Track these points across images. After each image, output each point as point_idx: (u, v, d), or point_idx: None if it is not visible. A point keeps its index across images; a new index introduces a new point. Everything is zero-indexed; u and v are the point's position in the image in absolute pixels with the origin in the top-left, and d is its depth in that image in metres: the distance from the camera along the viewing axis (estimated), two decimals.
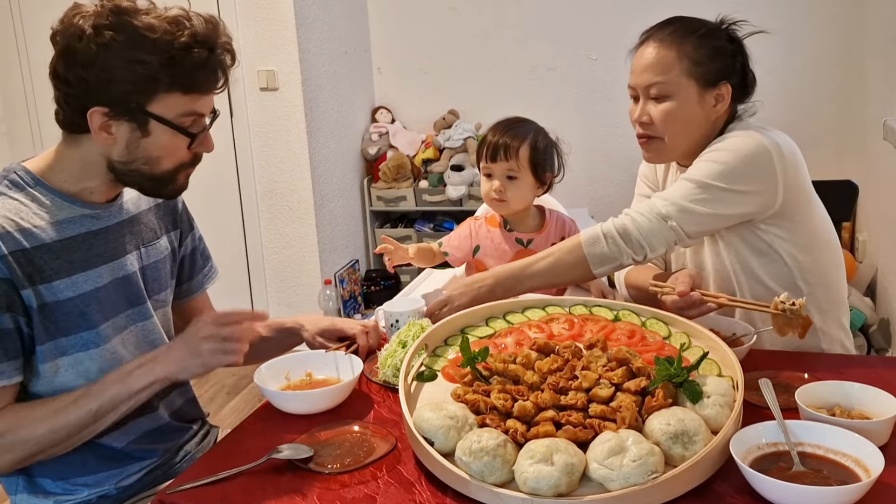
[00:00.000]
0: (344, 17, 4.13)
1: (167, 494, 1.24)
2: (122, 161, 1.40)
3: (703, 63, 1.68)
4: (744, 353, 1.52)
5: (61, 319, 1.39)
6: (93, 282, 1.43)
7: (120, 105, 1.34)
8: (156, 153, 1.39)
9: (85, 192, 1.44)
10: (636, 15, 3.99)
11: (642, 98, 1.73)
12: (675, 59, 1.68)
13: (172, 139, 1.39)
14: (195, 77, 1.36)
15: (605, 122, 4.16)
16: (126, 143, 1.38)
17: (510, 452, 1.16)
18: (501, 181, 2.12)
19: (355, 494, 1.20)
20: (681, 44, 1.69)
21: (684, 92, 1.69)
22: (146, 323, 1.54)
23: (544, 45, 4.15)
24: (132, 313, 1.51)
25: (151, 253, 1.57)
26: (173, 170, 1.43)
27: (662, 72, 1.69)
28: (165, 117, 1.36)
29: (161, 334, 1.58)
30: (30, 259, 1.35)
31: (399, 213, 4.43)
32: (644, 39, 1.76)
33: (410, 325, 1.62)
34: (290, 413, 1.45)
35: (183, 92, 1.36)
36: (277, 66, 3.75)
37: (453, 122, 4.26)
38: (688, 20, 1.74)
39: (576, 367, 1.35)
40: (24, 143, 4.11)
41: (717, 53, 1.70)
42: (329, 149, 4.02)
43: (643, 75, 1.71)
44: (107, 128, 1.36)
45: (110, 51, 1.31)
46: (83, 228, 1.43)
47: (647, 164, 1.94)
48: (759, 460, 1.17)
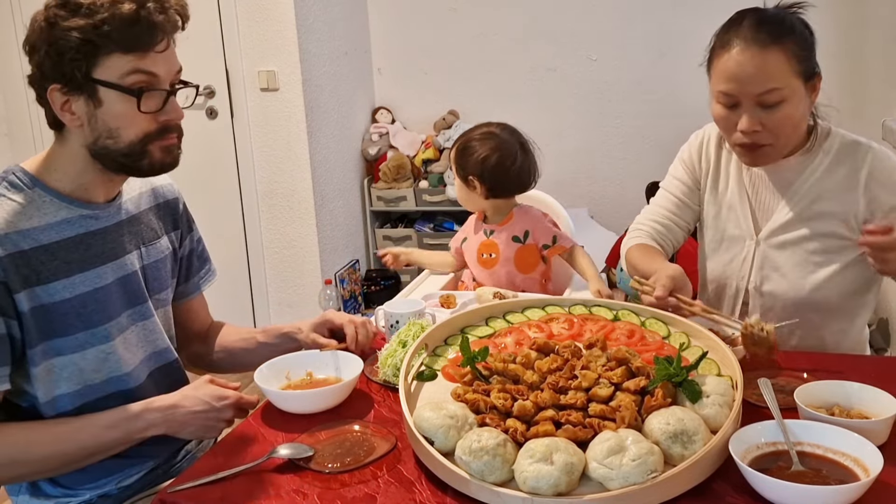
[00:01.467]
0: (344, 18, 4.13)
1: (167, 494, 1.24)
2: (92, 142, 1.40)
3: (805, 59, 1.61)
4: (743, 353, 1.52)
5: (56, 321, 1.39)
6: (91, 282, 1.43)
7: (69, 78, 1.35)
8: (113, 123, 1.38)
9: (81, 191, 1.44)
10: (636, 15, 4.03)
11: (747, 105, 1.60)
12: (784, 61, 1.58)
13: (124, 104, 1.37)
14: (129, 33, 1.34)
15: (605, 122, 4.16)
16: (88, 119, 1.38)
17: (510, 452, 1.16)
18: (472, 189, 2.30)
19: (355, 494, 1.20)
20: (784, 44, 1.58)
21: (797, 93, 1.60)
22: (147, 322, 1.54)
23: (544, 46, 4.15)
24: (133, 313, 1.52)
25: (152, 252, 1.57)
26: (139, 141, 1.40)
27: (776, 77, 1.57)
28: (111, 80, 1.36)
29: (162, 333, 1.58)
30: (27, 261, 1.35)
31: (399, 213, 4.44)
32: (729, 42, 1.61)
33: (410, 325, 1.62)
34: (290, 413, 1.45)
35: (122, 52, 1.35)
36: (278, 66, 3.75)
37: (453, 123, 4.26)
38: (769, 14, 1.63)
39: (575, 366, 1.35)
40: (24, 143, 4.11)
41: (810, 45, 1.63)
42: (329, 149, 4.02)
43: (752, 83, 1.57)
44: (68, 108, 1.37)
45: (54, 27, 1.33)
46: (81, 229, 1.43)
47: (696, 151, 1.87)
48: (759, 460, 1.17)
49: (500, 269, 2.23)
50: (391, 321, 1.72)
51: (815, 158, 1.70)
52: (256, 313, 4.09)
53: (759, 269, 1.76)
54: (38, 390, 1.40)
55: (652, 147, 4.00)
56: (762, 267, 1.76)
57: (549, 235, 2.23)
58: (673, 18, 3.95)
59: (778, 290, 1.73)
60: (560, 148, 4.20)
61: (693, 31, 3.86)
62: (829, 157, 1.70)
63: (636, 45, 4.03)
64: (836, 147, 1.70)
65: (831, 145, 1.70)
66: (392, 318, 1.72)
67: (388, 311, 1.74)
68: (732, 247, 1.80)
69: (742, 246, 1.79)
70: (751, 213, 1.78)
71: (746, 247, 1.78)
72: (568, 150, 4.22)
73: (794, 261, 1.72)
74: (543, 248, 2.23)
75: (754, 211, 1.78)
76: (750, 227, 1.77)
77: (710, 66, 1.65)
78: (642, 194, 3.62)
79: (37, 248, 1.37)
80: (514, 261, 2.23)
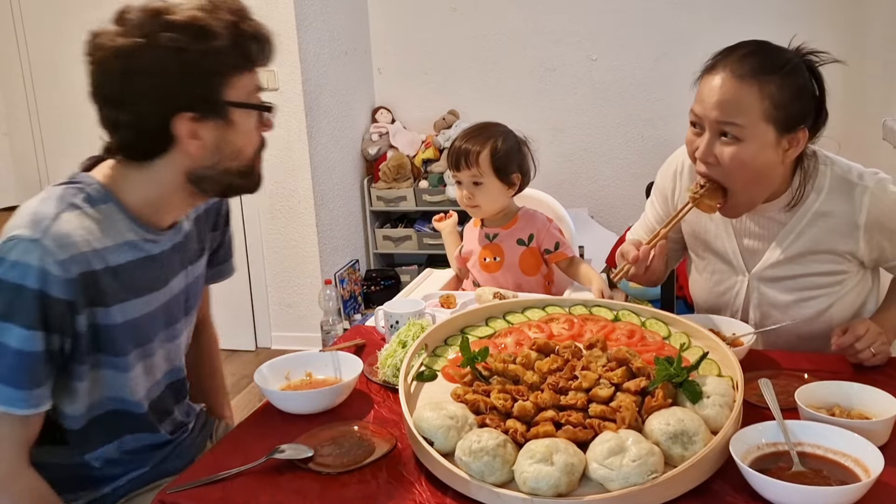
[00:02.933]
0: (344, 18, 4.13)
1: (167, 494, 1.24)
2: (209, 166, 1.35)
3: (786, 106, 1.49)
4: (743, 353, 1.52)
5: (101, 342, 1.36)
6: (139, 309, 1.40)
7: (203, 103, 1.30)
8: (240, 142, 1.36)
9: (152, 213, 1.39)
10: (636, 15, 4.03)
11: (709, 133, 1.52)
12: (756, 99, 1.48)
13: (250, 122, 1.36)
14: (251, 49, 1.33)
15: (605, 122, 4.16)
16: (215, 143, 1.33)
17: (510, 452, 1.16)
18: (469, 188, 2.19)
19: (355, 494, 1.20)
20: (764, 82, 1.48)
21: (760, 138, 1.49)
22: (171, 345, 1.51)
23: (544, 46, 4.15)
24: (164, 335, 1.48)
25: (195, 270, 1.55)
26: (253, 157, 1.40)
27: (739, 112, 1.48)
28: (242, 100, 1.34)
29: (180, 356, 1.56)
30: (95, 281, 1.31)
31: (399, 213, 4.43)
32: (718, 64, 1.53)
33: (410, 325, 1.62)
34: (290, 413, 1.45)
35: (248, 69, 1.34)
36: (278, 66, 3.74)
37: (453, 122, 4.26)
38: (769, 50, 1.53)
39: (575, 367, 1.35)
40: (24, 143, 4.12)
41: (800, 94, 1.51)
42: (329, 149, 4.02)
43: (716, 110, 1.50)
44: (194, 133, 1.31)
45: (183, 52, 1.26)
46: (142, 253, 1.39)
47: (667, 181, 1.81)
48: (759, 460, 1.17)
49: (505, 273, 2.22)
50: (391, 321, 1.72)
51: (808, 199, 1.61)
52: (256, 313, 4.08)
53: (756, 306, 1.71)
54: (67, 406, 1.37)
55: (652, 147, 3.99)
56: (759, 304, 1.71)
57: (552, 241, 2.21)
58: (673, 18, 3.95)
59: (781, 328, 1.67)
60: (560, 148, 4.20)
61: (693, 31, 3.90)
62: (822, 196, 1.60)
63: (636, 45, 4.03)
64: (828, 185, 1.60)
65: (822, 184, 1.61)
66: (392, 319, 1.72)
67: (388, 311, 1.74)
68: (723, 280, 1.75)
69: (733, 280, 1.74)
70: (739, 250, 1.71)
71: (738, 282, 1.73)
72: (568, 150, 4.22)
73: (792, 297, 1.67)
74: (545, 253, 2.21)
75: (743, 249, 1.71)
76: (740, 263, 1.71)
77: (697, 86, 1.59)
78: (642, 194, 3.59)
79: (105, 269, 1.32)
80: (520, 264, 2.21)
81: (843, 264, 1.64)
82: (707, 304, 1.82)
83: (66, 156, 3.49)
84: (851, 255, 1.63)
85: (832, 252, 1.63)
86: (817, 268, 1.65)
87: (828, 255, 1.63)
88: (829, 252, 1.63)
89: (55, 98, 3.96)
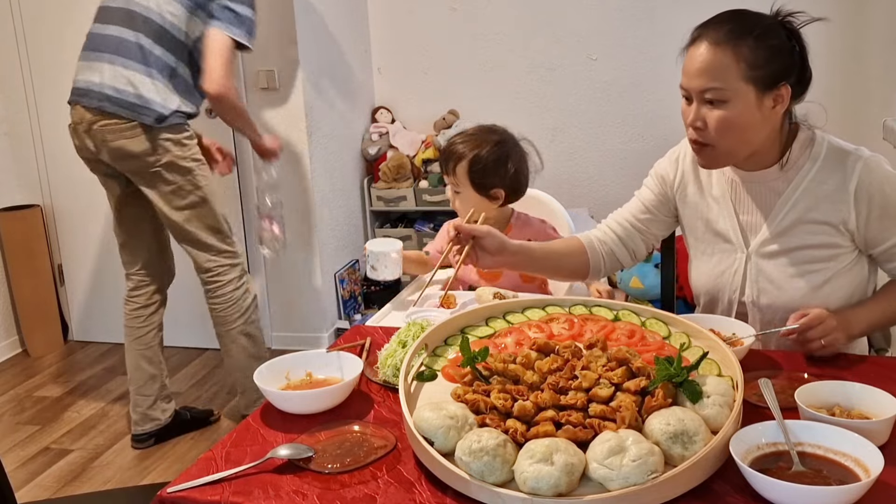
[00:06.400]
0: (344, 18, 4.13)
1: (167, 494, 1.24)
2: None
3: (762, 66, 1.57)
4: (743, 353, 1.52)
5: None
6: None
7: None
8: None
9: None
10: (636, 15, 4.02)
11: (696, 101, 1.62)
12: (731, 62, 1.57)
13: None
14: None
15: (605, 122, 4.16)
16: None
17: (510, 452, 1.16)
18: (452, 194, 2.22)
19: (355, 494, 1.20)
20: (737, 45, 1.57)
21: (742, 98, 1.58)
22: None
23: (544, 46, 4.15)
24: None
25: None
26: None
27: (718, 77, 1.57)
28: None
29: None
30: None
31: (399, 213, 4.43)
32: (696, 37, 1.63)
33: (410, 325, 1.62)
34: (290, 413, 1.46)
35: None
36: (277, 66, 3.75)
37: (453, 122, 4.26)
38: (743, 16, 1.62)
39: (576, 366, 1.35)
40: (24, 143, 4.12)
41: (775, 53, 1.60)
42: (329, 149, 4.02)
43: (697, 79, 1.60)
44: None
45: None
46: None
47: (669, 164, 1.87)
48: (759, 460, 1.17)
49: (503, 283, 2.22)
50: (372, 261, 1.97)
51: (803, 167, 1.68)
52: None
53: (753, 281, 1.74)
54: None
55: (652, 147, 3.99)
56: (756, 280, 1.74)
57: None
58: (673, 18, 3.94)
59: (776, 302, 1.72)
60: (560, 148, 4.20)
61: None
62: (818, 165, 1.67)
63: (636, 45, 4.03)
64: (824, 154, 1.67)
65: (818, 152, 1.67)
66: (373, 258, 1.98)
67: (370, 249, 2.00)
68: (723, 259, 1.79)
69: (732, 258, 1.77)
70: (738, 226, 1.75)
71: (737, 259, 1.76)
72: (568, 150, 4.22)
73: (788, 272, 1.70)
74: None
75: (742, 224, 1.75)
76: (739, 240, 1.75)
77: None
78: None
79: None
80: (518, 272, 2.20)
81: (837, 237, 1.67)
82: (706, 288, 1.84)
83: (66, 156, 3.49)
84: (843, 226, 1.66)
85: (826, 223, 1.67)
86: (811, 239, 1.68)
87: (821, 227, 1.67)
88: (822, 223, 1.67)
89: (55, 98, 3.95)
